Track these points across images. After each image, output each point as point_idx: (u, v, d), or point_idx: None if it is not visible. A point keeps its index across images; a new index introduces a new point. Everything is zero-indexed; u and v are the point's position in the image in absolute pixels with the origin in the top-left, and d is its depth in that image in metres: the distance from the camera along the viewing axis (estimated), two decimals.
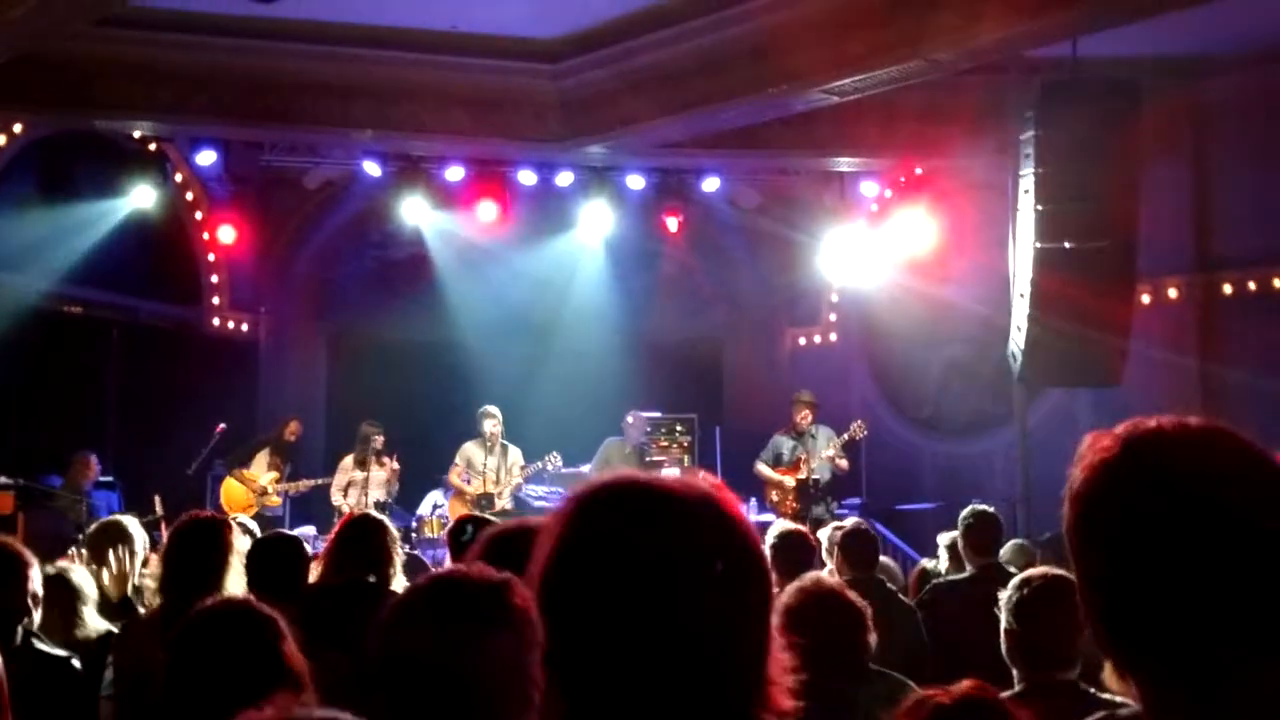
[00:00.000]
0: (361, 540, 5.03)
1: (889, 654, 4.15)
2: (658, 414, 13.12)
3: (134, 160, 12.51)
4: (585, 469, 12.28)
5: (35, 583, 4.04)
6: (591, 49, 10.85)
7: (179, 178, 13.26)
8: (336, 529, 5.39)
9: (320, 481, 12.26)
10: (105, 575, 5.43)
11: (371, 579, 4.86)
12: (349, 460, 12.03)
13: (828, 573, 5.72)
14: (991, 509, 6.80)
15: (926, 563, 7.96)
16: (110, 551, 5.51)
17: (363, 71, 10.96)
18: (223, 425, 12.03)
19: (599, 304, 14.00)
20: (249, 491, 11.93)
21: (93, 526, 5.97)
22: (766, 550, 6.00)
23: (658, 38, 10.38)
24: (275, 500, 12.18)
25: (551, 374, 13.47)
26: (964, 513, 6.68)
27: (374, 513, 5.96)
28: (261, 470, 12.18)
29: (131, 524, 5.76)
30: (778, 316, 14.96)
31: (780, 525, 6.47)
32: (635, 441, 12.60)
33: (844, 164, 12.82)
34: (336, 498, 11.83)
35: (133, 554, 5.57)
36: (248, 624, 2.70)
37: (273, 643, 2.66)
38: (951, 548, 7.08)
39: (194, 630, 2.72)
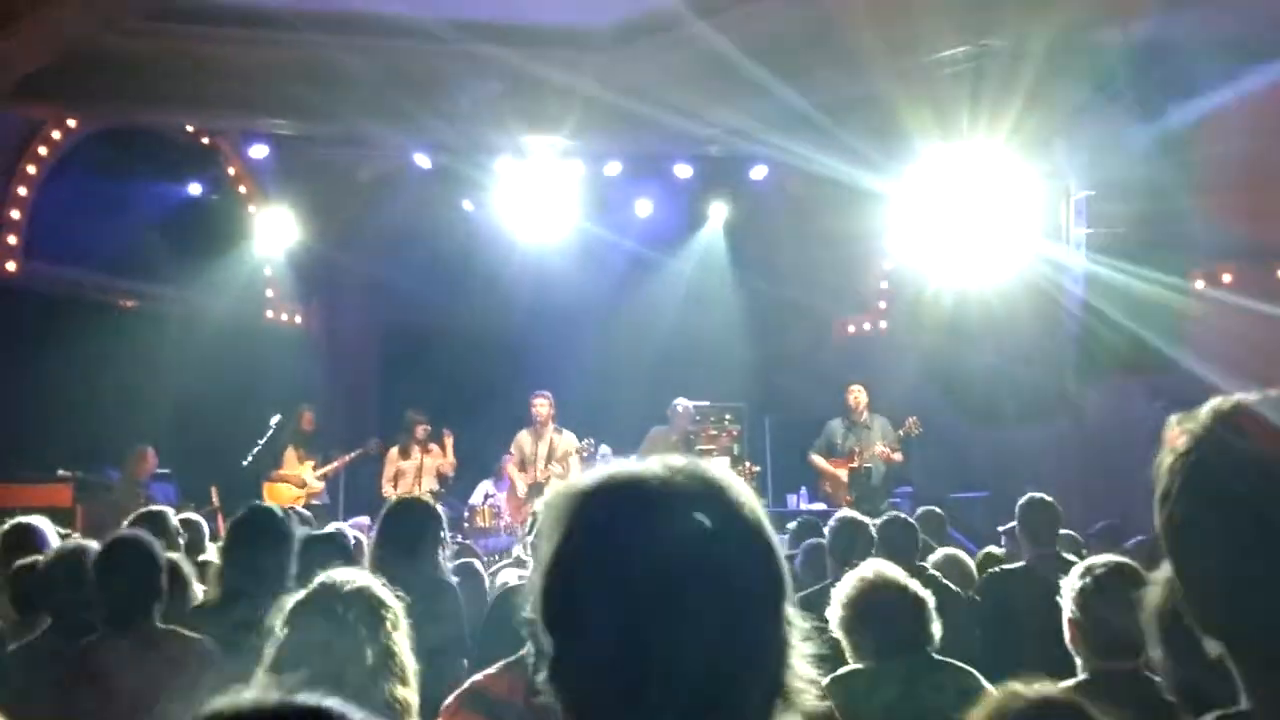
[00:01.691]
0: (402, 524, 5.05)
1: (944, 645, 4.13)
2: (706, 403, 13.09)
3: (187, 154, 12.66)
4: (633, 458, 12.25)
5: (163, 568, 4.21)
6: (640, 37, 10.83)
7: (232, 171, 13.38)
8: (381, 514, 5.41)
9: (355, 454, 12.35)
10: None
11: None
12: (394, 450, 12.14)
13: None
14: (1049, 498, 6.74)
15: (994, 549, 7.89)
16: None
17: (412, 64, 10.99)
18: (279, 416, 12.13)
19: (648, 292, 13.99)
20: (291, 487, 12.05)
21: (130, 517, 6.01)
22: (825, 539, 6.03)
23: (708, 25, 10.34)
24: (317, 487, 12.30)
25: (601, 363, 13.47)
26: (1021, 501, 6.62)
27: (424, 496, 5.98)
28: (294, 466, 12.31)
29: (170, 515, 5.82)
30: (828, 304, 14.89)
31: (841, 514, 6.44)
32: (681, 430, 12.58)
33: (896, 149, 12.73)
34: (386, 489, 11.92)
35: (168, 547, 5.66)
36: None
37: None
38: (1011, 534, 7.03)
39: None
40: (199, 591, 5.06)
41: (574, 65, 11.18)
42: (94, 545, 4.49)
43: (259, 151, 12.69)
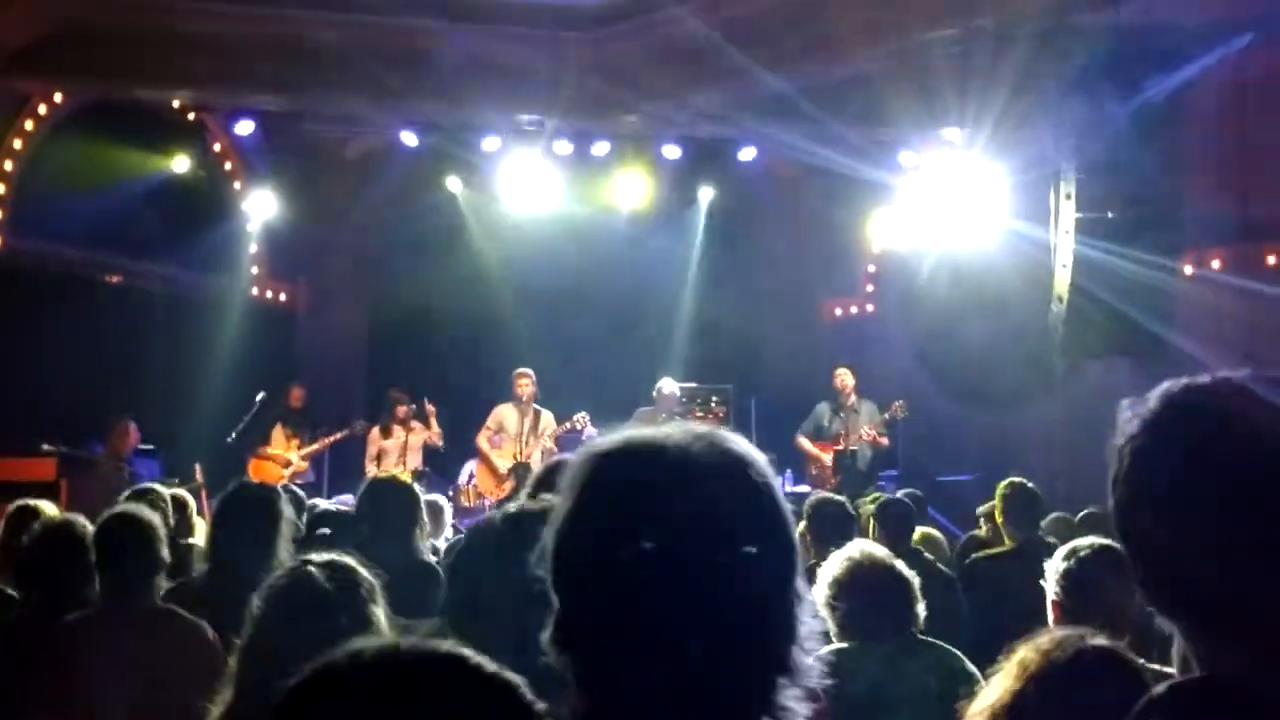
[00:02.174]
0: (378, 504, 5.05)
1: (929, 625, 4.14)
2: (694, 384, 13.10)
3: (173, 130, 12.59)
4: None
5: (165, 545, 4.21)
6: (629, 17, 10.79)
7: (217, 147, 13.32)
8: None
9: (341, 434, 12.34)
10: None
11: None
12: (376, 430, 12.14)
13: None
14: (1029, 482, 6.74)
15: (979, 534, 7.91)
16: None
17: (398, 40, 10.94)
18: (263, 393, 12.10)
19: (635, 273, 13.96)
20: (277, 465, 12.05)
21: (124, 494, 6.01)
22: (801, 520, 6.04)
23: (695, 6, 10.31)
24: (303, 466, 12.31)
25: (587, 343, 13.45)
26: (1001, 485, 6.63)
27: (399, 476, 5.98)
28: (281, 444, 12.31)
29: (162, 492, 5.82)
30: (816, 287, 14.90)
31: (817, 495, 6.44)
32: (667, 410, 12.58)
33: (883, 133, 12.71)
34: (370, 469, 11.88)
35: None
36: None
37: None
38: (989, 518, 7.04)
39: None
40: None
41: (560, 45, 11.15)
42: (80, 520, 4.48)
43: (245, 128, 12.62)
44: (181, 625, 4.03)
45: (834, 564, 3.87)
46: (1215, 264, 11.33)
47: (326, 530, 5.32)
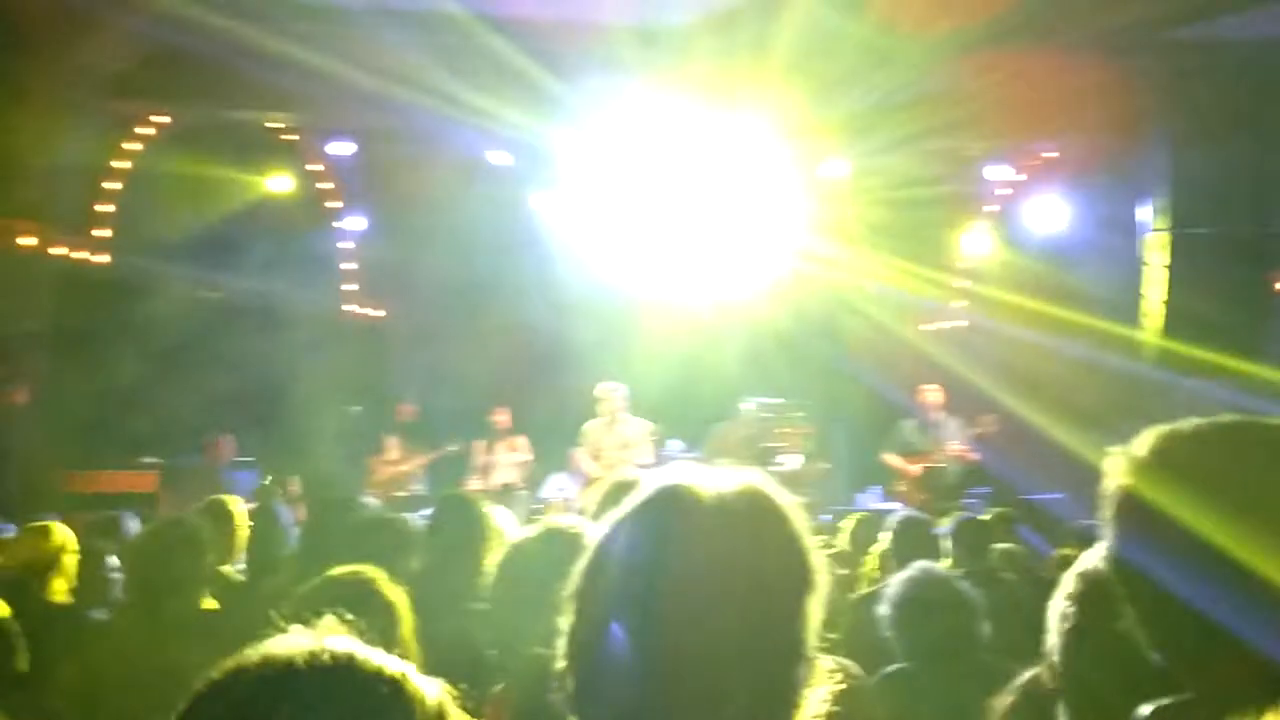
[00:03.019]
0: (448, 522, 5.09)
1: (1002, 645, 4.09)
2: (779, 400, 13.05)
3: (270, 150, 12.90)
4: (700, 454, 12.31)
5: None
6: (716, 33, 10.80)
7: (312, 167, 13.61)
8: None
9: (452, 448, 12.55)
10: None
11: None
12: (482, 444, 12.39)
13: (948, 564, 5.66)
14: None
15: (1068, 550, 7.77)
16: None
17: (482, 61, 11.05)
18: (358, 408, 12.35)
19: (725, 289, 13.93)
20: (393, 476, 12.39)
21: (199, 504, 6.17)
22: (888, 538, 5.99)
23: (783, 21, 10.30)
24: (411, 470, 12.58)
25: (672, 359, 13.46)
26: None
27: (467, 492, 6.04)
28: (395, 454, 12.60)
29: (235, 503, 5.96)
30: (905, 302, 14.76)
31: (902, 514, 6.39)
32: (745, 427, 12.55)
33: (973, 147, 12.60)
34: (474, 484, 12.10)
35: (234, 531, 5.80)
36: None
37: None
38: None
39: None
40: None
41: (645, 63, 11.18)
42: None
43: (338, 148, 12.89)
44: (213, 625, 4.05)
45: (896, 585, 3.85)
46: None
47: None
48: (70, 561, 5.15)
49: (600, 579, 1.37)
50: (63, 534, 5.18)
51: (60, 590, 5.07)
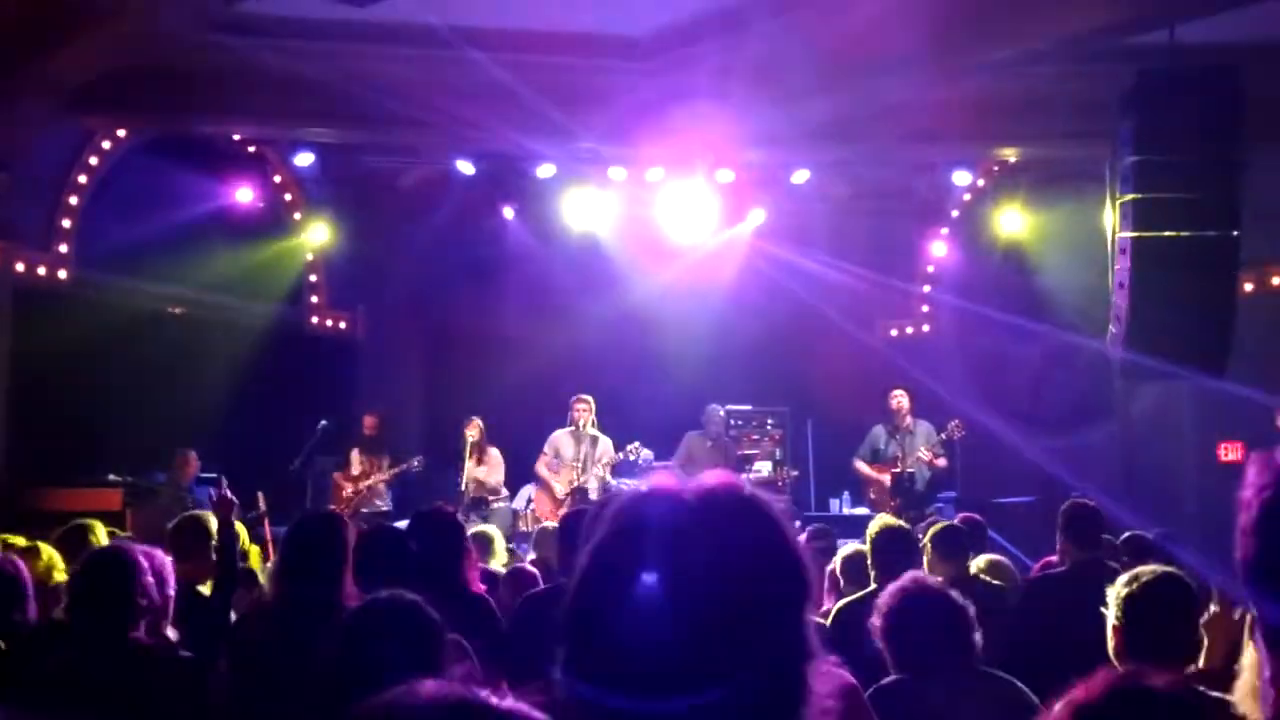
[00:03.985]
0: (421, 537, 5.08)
1: (992, 652, 4.10)
2: (748, 407, 13.09)
3: (233, 162, 12.80)
4: (671, 463, 12.33)
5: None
6: (684, 44, 10.81)
7: (277, 179, 13.52)
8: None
9: (415, 463, 12.46)
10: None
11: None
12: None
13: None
14: (1092, 502, 6.69)
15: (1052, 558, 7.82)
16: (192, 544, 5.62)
17: (455, 72, 11.01)
18: (324, 422, 12.23)
19: (691, 296, 13.97)
20: (355, 490, 12.30)
21: (173, 522, 6.08)
22: (866, 546, 6.01)
23: (750, 32, 10.32)
24: (374, 485, 12.48)
25: (644, 367, 13.49)
26: (1064, 506, 6.57)
27: (445, 506, 6.05)
28: (358, 469, 12.53)
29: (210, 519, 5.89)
30: (870, 308, 14.84)
31: (880, 521, 6.39)
32: (716, 435, 12.58)
33: (937, 154, 12.68)
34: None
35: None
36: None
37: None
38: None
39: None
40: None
41: (615, 72, 11.18)
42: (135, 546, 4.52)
43: (304, 159, 12.81)
44: (160, 661, 3.97)
45: (888, 595, 3.85)
46: (1277, 281, 11.20)
47: None
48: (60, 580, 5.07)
49: (594, 588, 1.36)
50: (49, 553, 5.11)
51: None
